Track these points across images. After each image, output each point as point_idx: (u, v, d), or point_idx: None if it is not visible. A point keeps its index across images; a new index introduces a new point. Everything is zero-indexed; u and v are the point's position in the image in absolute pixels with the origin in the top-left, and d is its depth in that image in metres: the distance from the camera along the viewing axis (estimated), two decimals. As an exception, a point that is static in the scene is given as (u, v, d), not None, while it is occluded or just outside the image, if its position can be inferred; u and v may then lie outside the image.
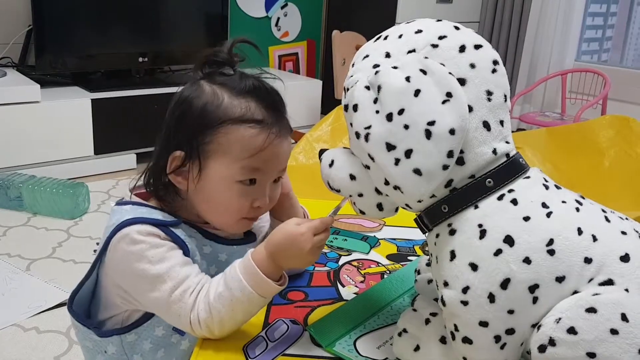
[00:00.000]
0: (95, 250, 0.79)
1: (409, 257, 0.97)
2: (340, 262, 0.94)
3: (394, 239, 1.03)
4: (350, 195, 0.70)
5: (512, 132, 0.66)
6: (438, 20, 0.67)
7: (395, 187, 0.62)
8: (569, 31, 3.43)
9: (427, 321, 0.69)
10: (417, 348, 0.68)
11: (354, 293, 0.86)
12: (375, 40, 0.68)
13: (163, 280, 0.72)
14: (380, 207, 0.69)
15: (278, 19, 3.62)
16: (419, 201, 0.64)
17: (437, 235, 0.65)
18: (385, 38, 0.67)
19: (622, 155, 1.87)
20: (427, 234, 0.68)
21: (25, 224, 2.17)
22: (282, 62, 3.72)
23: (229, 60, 0.78)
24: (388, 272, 0.92)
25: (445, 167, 0.60)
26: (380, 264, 0.95)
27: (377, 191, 0.67)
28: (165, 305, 0.72)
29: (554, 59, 3.46)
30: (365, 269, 0.93)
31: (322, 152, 0.74)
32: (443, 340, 0.67)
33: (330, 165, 0.70)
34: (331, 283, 0.88)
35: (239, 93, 0.76)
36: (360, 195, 0.69)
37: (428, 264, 0.82)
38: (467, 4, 3.67)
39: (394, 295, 0.85)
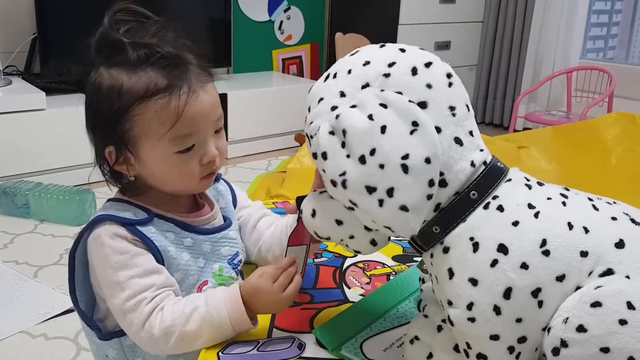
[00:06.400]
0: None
1: (415, 258, 0.97)
2: (346, 264, 0.94)
3: (400, 240, 1.03)
4: (342, 239, 0.67)
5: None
6: (382, 46, 0.65)
7: (385, 227, 0.61)
8: (574, 29, 3.41)
9: (439, 328, 0.68)
10: (430, 356, 0.67)
11: (360, 295, 0.85)
12: (325, 80, 0.66)
13: (121, 288, 0.72)
14: (373, 242, 0.66)
15: (281, 22, 3.62)
16: (412, 235, 0.62)
17: (432, 255, 0.63)
18: (335, 76, 0.64)
19: (629, 152, 1.86)
20: (423, 254, 0.66)
21: (33, 231, 2.17)
22: (286, 66, 3.72)
23: (116, 38, 0.74)
24: (394, 273, 0.92)
25: (429, 197, 0.58)
26: (386, 265, 0.94)
27: (367, 228, 0.65)
28: (120, 312, 0.73)
29: (559, 58, 3.45)
30: (370, 270, 0.93)
31: (299, 200, 0.72)
32: (457, 348, 0.65)
33: (313, 215, 0.68)
34: (337, 285, 0.88)
35: (135, 67, 0.73)
36: (352, 237, 0.66)
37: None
38: (470, 3, 3.66)
39: (399, 297, 0.84)
